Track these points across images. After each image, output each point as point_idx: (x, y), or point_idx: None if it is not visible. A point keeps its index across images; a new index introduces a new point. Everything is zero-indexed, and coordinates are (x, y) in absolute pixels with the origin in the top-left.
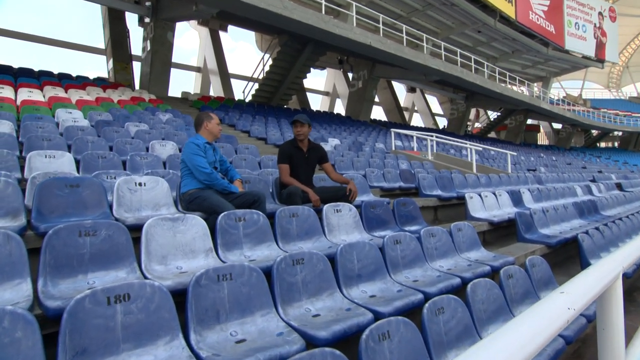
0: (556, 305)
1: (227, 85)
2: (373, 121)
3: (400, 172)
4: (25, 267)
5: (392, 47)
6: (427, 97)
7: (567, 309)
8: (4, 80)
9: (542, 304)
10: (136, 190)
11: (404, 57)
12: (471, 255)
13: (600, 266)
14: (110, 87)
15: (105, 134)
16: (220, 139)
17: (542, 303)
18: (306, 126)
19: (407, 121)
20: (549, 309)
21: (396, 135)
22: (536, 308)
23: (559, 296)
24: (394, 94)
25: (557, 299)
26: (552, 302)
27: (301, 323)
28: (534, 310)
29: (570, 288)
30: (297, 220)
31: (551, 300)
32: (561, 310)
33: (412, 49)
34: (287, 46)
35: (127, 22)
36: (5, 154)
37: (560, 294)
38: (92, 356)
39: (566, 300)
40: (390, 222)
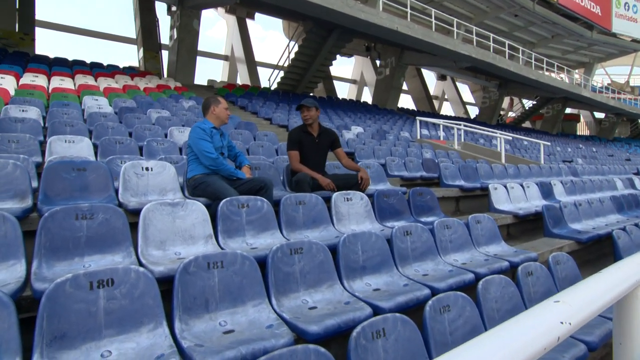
0: (546, 318)
1: (254, 73)
2: (400, 110)
3: (422, 161)
4: (20, 249)
5: (419, 32)
6: (458, 85)
7: (560, 323)
8: (39, 69)
9: (529, 314)
10: (143, 175)
11: (433, 42)
12: (490, 249)
13: (613, 271)
14: (139, 75)
15: (127, 120)
16: (240, 125)
17: (529, 313)
18: (313, 110)
19: (436, 110)
20: (536, 321)
21: (423, 124)
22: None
23: (552, 306)
24: (423, 82)
25: (549, 309)
26: (541, 313)
27: (294, 315)
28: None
29: (568, 297)
30: (304, 208)
31: (542, 310)
32: (551, 324)
33: (441, 35)
34: (312, 33)
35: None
36: (28, 139)
37: (554, 303)
38: (71, 341)
39: (561, 312)
40: (404, 212)
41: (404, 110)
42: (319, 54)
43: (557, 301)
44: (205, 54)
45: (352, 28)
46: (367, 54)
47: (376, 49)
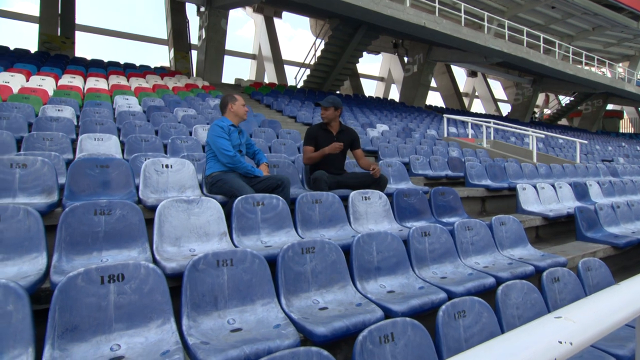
0: (542, 335)
1: (281, 72)
2: (429, 107)
3: (448, 160)
4: (42, 242)
5: (448, 27)
6: (489, 82)
7: (559, 342)
8: (77, 71)
9: (521, 331)
10: (163, 172)
11: (462, 38)
12: (515, 252)
13: (632, 285)
14: (169, 75)
15: (154, 118)
16: (263, 123)
17: (523, 330)
18: (331, 109)
19: (466, 107)
20: (529, 340)
21: (451, 122)
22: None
23: (552, 323)
24: (452, 78)
25: (547, 326)
26: (536, 330)
27: (303, 316)
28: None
29: (573, 313)
30: (320, 207)
31: (538, 327)
32: (547, 343)
33: (471, 30)
34: (338, 30)
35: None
36: (61, 137)
37: (555, 319)
38: (83, 334)
39: (561, 330)
40: (425, 212)
41: (432, 107)
42: (345, 51)
43: (558, 317)
44: (234, 53)
45: (379, 25)
46: (394, 50)
47: (404, 46)
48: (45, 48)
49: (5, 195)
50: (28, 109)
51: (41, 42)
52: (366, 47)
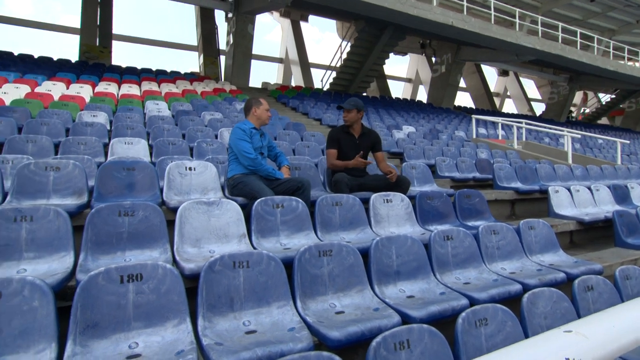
0: (548, 351)
1: (308, 75)
2: (457, 108)
3: (476, 162)
4: (70, 242)
5: (477, 25)
6: (522, 81)
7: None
8: (112, 78)
9: (526, 345)
10: (186, 175)
11: (491, 36)
12: (545, 258)
13: None
14: (198, 80)
15: (182, 122)
16: (288, 126)
17: (528, 344)
18: (353, 111)
19: (497, 108)
20: (534, 355)
21: (481, 122)
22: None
23: (560, 337)
24: (483, 78)
25: (555, 340)
26: (543, 345)
27: (319, 319)
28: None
29: (585, 327)
30: (340, 209)
31: (545, 341)
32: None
33: (502, 27)
34: (364, 32)
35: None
36: (94, 141)
37: (564, 333)
38: (103, 331)
39: (570, 346)
40: (449, 215)
41: (461, 108)
42: (371, 53)
43: (568, 331)
44: (261, 57)
45: (405, 25)
46: (421, 51)
47: (431, 46)
48: (85, 57)
49: (40, 197)
50: (66, 115)
51: (82, 52)
52: (393, 48)
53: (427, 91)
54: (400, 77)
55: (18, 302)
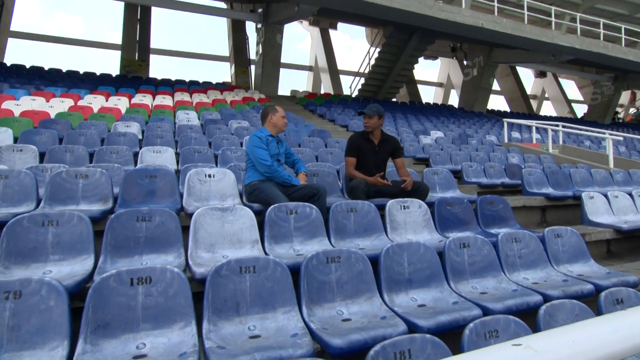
0: None
1: (337, 82)
2: (490, 112)
3: (506, 167)
4: (91, 245)
5: (509, 26)
6: (561, 82)
7: None
8: (148, 90)
9: (468, 358)
10: (205, 182)
11: (525, 36)
12: (574, 268)
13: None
14: (228, 90)
15: (209, 130)
16: (313, 133)
17: (470, 358)
18: (375, 117)
19: (534, 110)
20: None
21: (515, 126)
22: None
23: (508, 350)
24: (518, 80)
25: (501, 354)
26: (486, 358)
27: (323, 326)
28: None
29: (537, 342)
30: (355, 216)
31: (489, 355)
32: None
33: (536, 27)
34: (392, 37)
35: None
36: (125, 150)
37: (512, 346)
38: (113, 331)
39: (515, 358)
40: (470, 222)
41: (494, 112)
42: (400, 58)
43: (517, 344)
44: (291, 65)
45: (434, 29)
46: (452, 54)
47: (462, 49)
48: (125, 71)
49: (70, 202)
50: (102, 126)
51: (122, 66)
52: (422, 52)
53: (459, 95)
54: (432, 82)
55: (36, 302)
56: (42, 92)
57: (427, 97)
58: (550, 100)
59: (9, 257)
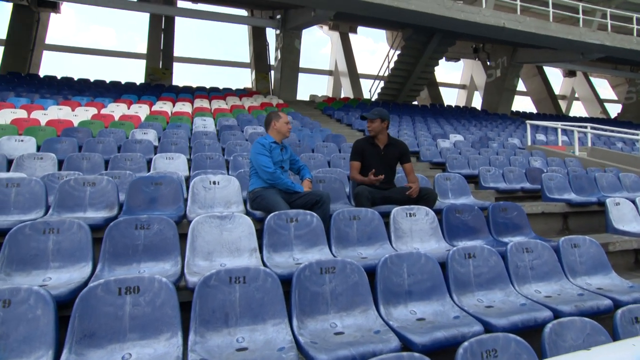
0: None
1: (357, 86)
2: (515, 114)
3: (527, 171)
4: (89, 253)
5: (532, 25)
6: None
7: None
8: (168, 97)
9: None
10: (210, 189)
11: (551, 35)
12: (593, 281)
13: None
14: (247, 95)
15: (224, 137)
16: (327, 138)
17: None
18: (377, 121)
19: (563, 111)
20: None
21: (540, 128)
22: None
23: None
24: (545, 80)
25: None
26: None
27: (313, 339)
28: None
29: None
30: (358, 224)
31: None
32: None
33: (562, 25)
34: (411, 40)
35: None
36: (139, 157)
37: None
38: (99, 341)
39: None
40: (481, 231)
41: (519, 114)
42: (420, 60)
43: None
44: (311, 70)
45: (453, 30)
46: (474, 56)
47: (485, 50)
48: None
49: (78, 210)
50: (121, 133)
51: (147, 74)
52: (442, 54)
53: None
54: (454, 84)
55: (24, 310)
56: (69, 102)
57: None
58: (580, 100)
59: (11, 264)
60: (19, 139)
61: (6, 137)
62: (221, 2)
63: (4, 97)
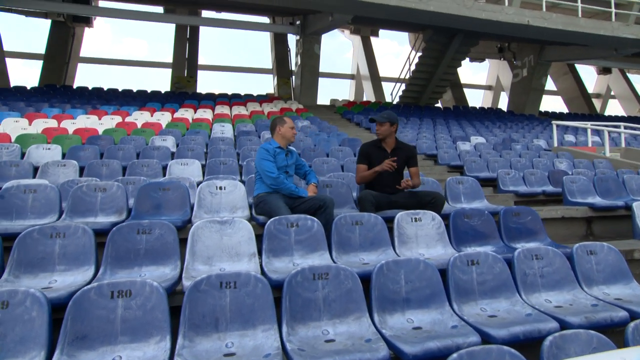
0: None
1: (379, 89)
2: (544, 114)
3: (549, 174)
4: (92, 257)
5: (559, 21)
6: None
7: None
8: (190, 104)
9: None
10: (216, 194)
11: (580, 31)
12: (611, 290)
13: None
14: (267, 101)
15: (240, 142)
16: (343, 142)
17: None
18: (386, 125)
19: (597, 111)
20: None
21: (570, 129)
22: None
23: None
24: (577, 78)
25: None
26: None
27: (301, 347)
28: None
29: None
30: (360, 229)
31: None
32: None
33: (593, 20)
34: (432, 41)
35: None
36: (155, 163)
37: None
38: (91, 343)
39: None
40: (491, 236)
41: (548, 114)
42: (441, 62)
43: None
44: (333, 75)
45: (475, 30)
46: (500, 55)
47: (510, 49)
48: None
49: (89, 215)
50: (141, 140)
51: (172, 83)
52: (465, 55)
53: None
54: (480, 85)
55: (21, 312)
56: (97, 111)
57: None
58: (617, 98)
59: (20, 266)
60: (46, 147)
61: (35, 146)
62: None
63: (39, 108)
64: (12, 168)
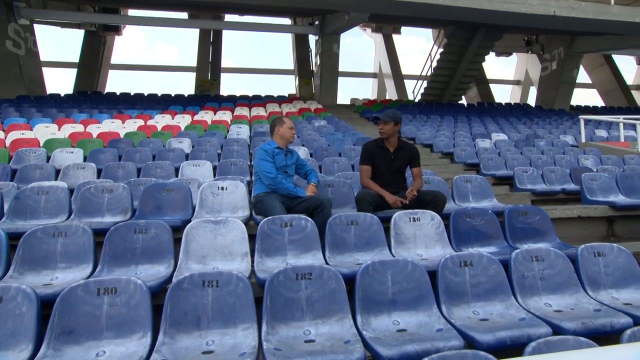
0: None
1: (401, 88)
2: (575, 108)
3: (571, 171)
4: (91, 256)
5: (589, 10)
6: None
7: None
8: (211, 107)
9: None
10: (218, 194)
11: (611, 19)
12: (621, 295)
13: None
14: (287, 102)
15: (255, 142)
16: (357, 141)
17: None
18: (390, 124)
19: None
20: None
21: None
22: None
23: None
24: (615, 70)
25: None
26: None
27: (278, 347)
28: None
29: None
30: (356, 229)
31: None
32: None
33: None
34: (453, 37)
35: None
36: (167, 165)
37: None
38: (77, 338)
39: None
40: (495, 237)
41: (580, 108)
42: (464, 57)
43: None
44: (354, 74)
45: (498, 24)
46: (527, 49)
47: (538, 42)
48: (199, 91)
49: (97, 215)
50: (158, 142)
51: (197, 86)
52: (489, 50)
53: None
54: (507, 80)
55: (12, 307)
56: (121, 115)
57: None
58: None
59: (24, 264)
60: (69, 151)
61: (59, 150)
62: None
63: (69, 113)
64: (37, 171)
